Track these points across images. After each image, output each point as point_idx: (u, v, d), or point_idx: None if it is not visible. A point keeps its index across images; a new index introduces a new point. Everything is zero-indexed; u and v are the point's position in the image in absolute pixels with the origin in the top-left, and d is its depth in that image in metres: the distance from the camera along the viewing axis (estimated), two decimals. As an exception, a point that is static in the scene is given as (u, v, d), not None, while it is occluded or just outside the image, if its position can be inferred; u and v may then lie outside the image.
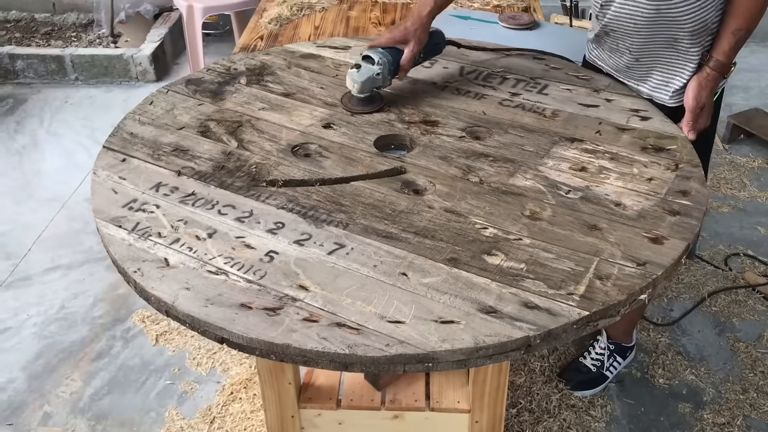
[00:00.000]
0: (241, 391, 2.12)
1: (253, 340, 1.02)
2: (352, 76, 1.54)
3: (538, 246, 1.18)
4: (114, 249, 1.18)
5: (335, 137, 1.49)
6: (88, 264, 2.63)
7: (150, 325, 2.37)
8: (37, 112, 3.66)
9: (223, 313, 1.06)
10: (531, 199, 1.29)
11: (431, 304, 1.07)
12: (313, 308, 1.06)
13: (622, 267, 1.13)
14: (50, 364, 2.24)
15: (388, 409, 1.62)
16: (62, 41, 4.15)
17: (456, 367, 1.02)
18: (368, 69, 1.54)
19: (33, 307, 2.46)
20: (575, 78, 1.71)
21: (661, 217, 1.24)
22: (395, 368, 1.01)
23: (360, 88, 1.54)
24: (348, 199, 1.30)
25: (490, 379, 1.50)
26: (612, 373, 2.13)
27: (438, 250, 1.17)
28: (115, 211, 1.27)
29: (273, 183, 1.34)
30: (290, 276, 1.12)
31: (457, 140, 1.48)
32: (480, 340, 1.00)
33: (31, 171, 3.19)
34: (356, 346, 1.00)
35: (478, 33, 2.09)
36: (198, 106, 1.60)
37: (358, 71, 1.54)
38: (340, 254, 1.17)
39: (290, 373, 1.56)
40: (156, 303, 1.10)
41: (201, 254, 1.17)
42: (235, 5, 3.62)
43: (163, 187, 1.33)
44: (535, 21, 2.12)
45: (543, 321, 1.03)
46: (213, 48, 4.09)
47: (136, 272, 1.13)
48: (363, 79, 1.53)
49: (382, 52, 1.54)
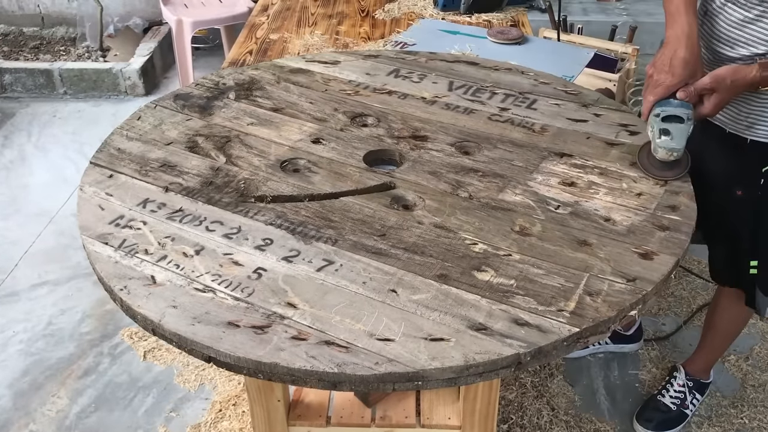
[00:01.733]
0: (230, 409, 2.11)
1: (241, 359, 1.01)
2: (666, 145, 1.33)
3: (528, 262, 1.17)
4: (100, 266, 1.17)
5: (324, 152, 1.48)
6: (76, 279, 2.62)
7: (138, 342, 2.35)
8: (25, 126, 3.67)
9: (210, 331, 1.04)
10: (520, 214, 1.29)
11: (421, 321, 1.06)
12: (301, 326, 1.05)
13: (612, 283, 1.12)
14: (36, 382, 2.23)
15: (378, 426, 1.61)
16: (51, 55, 4.16)
17: (446, 385, 1.01)
18: (684, 130, 1.33)
19: (20, 323, 2.45)
20: (563, 93, 1.71)
21: (650, 233, 1.24)
22: (384, 387, 1.00)
23: (681, 149, 1.34)
24: (337, 215, 1.29)
25: (481, 395, 1.49)
26: (692, 411, 2.05)
27: (428, 266, 1.16)
28: (101, 227, 1.25)
29: (261, 199, 1.33)
30: (278, 293, 1.11)
31: (446, 155, 1.47)
32: (470, 357, 0.99)
33: (19, 186, 3.19)
34: (345, 365, 0.99)
35: (465, 47, 2.10)
36: (186, 122, 1.59)
37: (671, 138, 1.33)
38: (329, 271, 1.16)
39: (279, 390, 1.54)
40: (142, 321, 1.08)
41: (188, 271, 1.15)
42: (225, 20, 3.62)
43: (150, 204, 1.32)
44: (524, 36, 2.12)
45: (533, 338, 1.02)
46: (202, 62, 4.10)
47: (122, 290, 1.12)
48: (683, 144, 1.33)
49: (677, 103, 1.35)
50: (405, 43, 2.11)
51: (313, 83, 1.75)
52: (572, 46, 2.13)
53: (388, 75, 1.80)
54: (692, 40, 1.37)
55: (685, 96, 1.35)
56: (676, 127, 1.33)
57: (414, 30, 2.23)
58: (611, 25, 3.20)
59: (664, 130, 1.34)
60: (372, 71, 1.81)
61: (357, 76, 1.79)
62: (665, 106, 1.35)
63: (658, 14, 4.17)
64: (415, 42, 2.11)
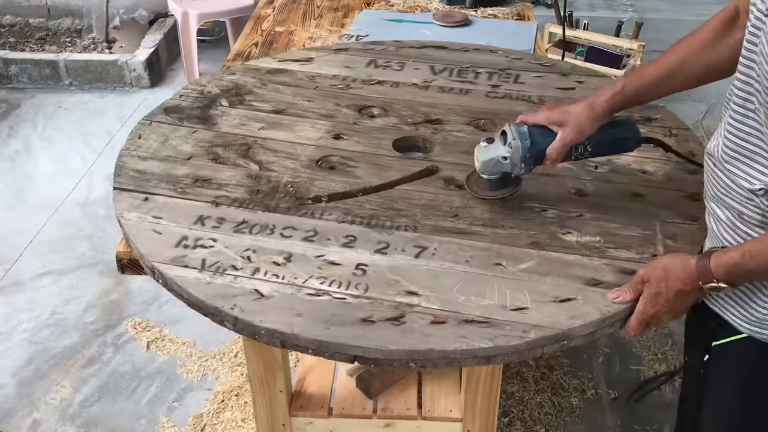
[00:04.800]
0: (233, 399, 2.12)
1: (393, 351, 1.01)
2: (478, 150, 1.24)
3: (601, 218, 1.25)
4: (194, 290, 1.10)
5: (352, 146, 1.48)
6: (81, 270, 2.63)
7: (142, 332, 2.36)
8: (30, 117, 3.65)
9: (349, 331, 1.03)
10: (569, 178, 1.37)
11: (541, 287, 1.11)
12: (434, 310, 1.07)
13: (681, 225, 1.24)
14: (40, 371, 2.23)
15: (380, 418, 1.63)
16: (56, 46, 4.15)
17: (585, 341, 1.07)
18: (496, 149, 1.21)
19: (24, 312, 2.45)
20: (540, 66, 1.81)
21: (683, 178, 1.37)
22: (533, 352, 1.04)
23: (480, 168, 1.24)
24: (402, 204, 1.30)
25: (483, 387, 1.50)
26: None
27: (515, 237, 1.22)
28: (169, 252, 1.18)
29: (318, 199, 1.31)
30: (392, 285, 1.11)
31: (468, 134, 1.52)
32: (604, 310, 1.06)
33: (24, 176, 3.18)
34: (496, 338, 1.02)
35: (415, 34, 2.15)
36: (193, 134, 1.51)
37: (485, 147, 1.23)
38: (427, 256, 1.18)
39: (282, 381, 1.54)
40: (268, 336, 1.04)
41: (291, 279, 1.12)
42: (231, 12, 3.63)
43: (207, 220, 1.26)
44: (468, 18, 2.21)
45: (647, 283, 1.11)
46: (208, 54, 4.06)
47: (233, 309, 1.07)
48: (485, 159, 1.22)
49: (523, 132, 1.20)
50: (358, 35, 2.12)
51: (299, 82, 1.73)
52: (515, 22, 2.24)
53: (367, 66, 1.81)
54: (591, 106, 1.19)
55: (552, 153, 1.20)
56: (496, 145, 1.22)
57: (360, 22, 2.25)
58: (617, 21, 3.27)
59: (489, 138, 1.24)
60: (349, 64, 1.82)
61: (339, 71, 1.78)
62: (516, 128, 1.21)
63: (665, 10, 4.30)
64: (368, 33, 2.13)
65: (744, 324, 1.02)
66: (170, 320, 2.40)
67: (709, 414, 1.12)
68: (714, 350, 1.07)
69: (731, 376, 1.07)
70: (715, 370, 1.08)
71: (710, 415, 1.12)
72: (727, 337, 1.05)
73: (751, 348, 1.02)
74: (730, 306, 1.04)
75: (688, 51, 1.16)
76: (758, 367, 1.04)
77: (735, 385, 1.07)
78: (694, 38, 1.16)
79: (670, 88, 1.20)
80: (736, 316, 1.03)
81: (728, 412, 1.10)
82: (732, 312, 1.04)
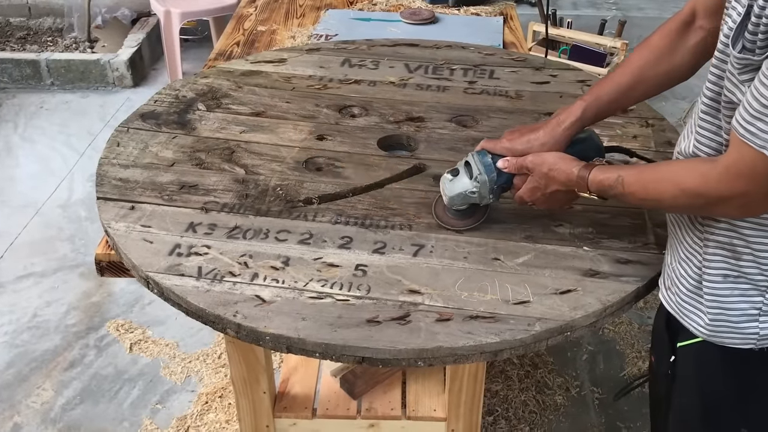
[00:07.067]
0: (216, 401, 2.11)
1: (401, 351, 1.01)
2: (444, 184, 1.22)
3: (590, 210, 1.28)
4: (194, 299, 1.08)
5: (337, 147, 1.47)
6: (62, 271, 2.59)
7: (124, 334, 2.33)
8: (11, 117, 3.60)
9: (356, 333, 1.03)
10: (554, 171, 1.39)
11: (540, 280, 1.12)
12: (438, 308, 1.07)
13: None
14: (21, 374, 2.20)
15: (364, 418, 1.64)
16: (38, 46, 4.09)
17: (587, 331, 1.09)
18: (462, 184, 1.19)
19: (4, 315, 2.41)
20: (512, 60, 1.84)
21: (664, 167, 1.40)
22: (539, 345, 1.05)
23: (449, 202, 1.21)
24: (394, 203, 1.30)
25: (467, 386, 1.51)
26: None
27: (510, 231, 1.23)
28: (162, 261, 1.16)
29: (309, 201, 1.31)
30: (394, 284, 1.12)
31: (451, 131, 1.53)
32: (604, 300, 1.08)
33: (5, 177, 3.13)
34: (503, 333, 1.03)
35: (383, 32, 2.15)
36: (173, 140, 1.49)
37: (450, 180, 1.20)
38: (425, 253, 1.18)
39: (265, 382, 1.55)
40: (273, 341, 1.03)
41: (291, 283, 1.11)
42: (214, 11, 3.59)
43: (199, 227, 1.23)
44: (435, 15, 2.22)
45: (642, 271, 1.14)
46: (191, 53, 4.03)
47: (236, 315, 1.05)
48: (453, 194, 1.19)
49: (488, 165, 1.17)
50: (327, 34, 2.11)
51: (275, 83, 1.71)
52: (481, 17, 2.26)
53: (342, 66, 1.80)
54: (553, 133, 1.17)
55: (503, 165, 1.17)
56: (462, 178, 1.20)
57: (327, 22, 2.23)
58: (601, 19, 3.28)
59: (454, 170, 1.22)
60: (323, 64, 1.81)
61: (314, 71, 1.77)
62: (480, 157, 1.19)
63: (648, 9, 4.29)
64: (336, 33, 2.12)
65: (700, 329, 1.02)
66: (153, 322, 2.37)
67: (677, 415, 1.11)
68: (679, 351, 1.07)
69: (696, 377, 1.07)
70: (681, 371, 1.08)
71: (677, 416, 1.11)
72: (688, 339, 1.05)
73: (715, 347, 1.01)
74: (686, 311, 1.03)
75: (645, 61, 1.15)
76: (720, 367, 1.03)
77: (698, 386, 1.07)
78: (650, 47, 1.15)
79: (631, 101, 1.21)
80: (692, 320, 1.03)
81: (692, 411, 1.09)
82: (688, 318, 1.03)
